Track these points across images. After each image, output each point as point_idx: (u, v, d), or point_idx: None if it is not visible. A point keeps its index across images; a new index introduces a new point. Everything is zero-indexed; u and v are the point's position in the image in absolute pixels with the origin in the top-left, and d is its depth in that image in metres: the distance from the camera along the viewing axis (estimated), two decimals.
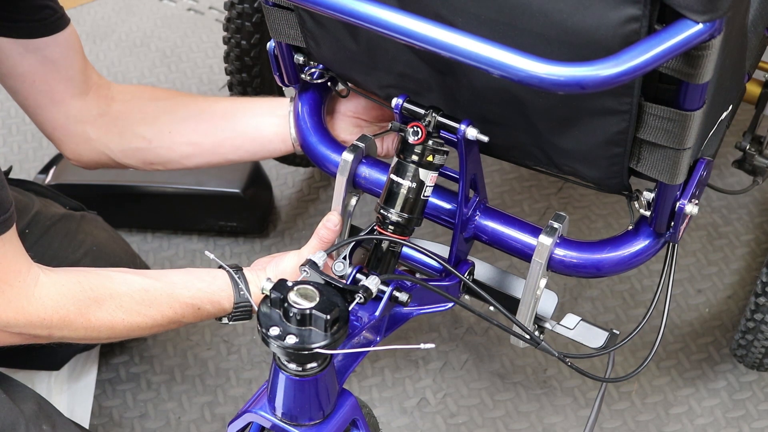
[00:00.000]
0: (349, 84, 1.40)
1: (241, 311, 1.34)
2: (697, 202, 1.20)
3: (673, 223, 1.21)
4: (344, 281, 1.20)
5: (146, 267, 1.79)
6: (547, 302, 1.38)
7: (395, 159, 1.24)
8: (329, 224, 1.35)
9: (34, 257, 1.53)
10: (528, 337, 1.31)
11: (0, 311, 1.16)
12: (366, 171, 1.36)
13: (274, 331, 1.09)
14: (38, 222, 1.55)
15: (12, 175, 1.71)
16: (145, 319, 1.29)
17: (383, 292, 1.21)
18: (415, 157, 1.22)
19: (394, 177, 1.24)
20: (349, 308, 1.13)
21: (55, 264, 1.56)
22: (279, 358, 1.14)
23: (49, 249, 1.55)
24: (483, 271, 1.42)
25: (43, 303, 1.21)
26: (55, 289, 1.23)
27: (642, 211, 1.22)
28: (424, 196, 1.24)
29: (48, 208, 1.59)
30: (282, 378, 1.14)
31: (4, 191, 1.13)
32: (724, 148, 1.98)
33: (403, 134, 1.22)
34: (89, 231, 1.64)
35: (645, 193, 1.20)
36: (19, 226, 1.51)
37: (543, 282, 1.29)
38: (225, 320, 1.36)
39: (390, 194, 1.24)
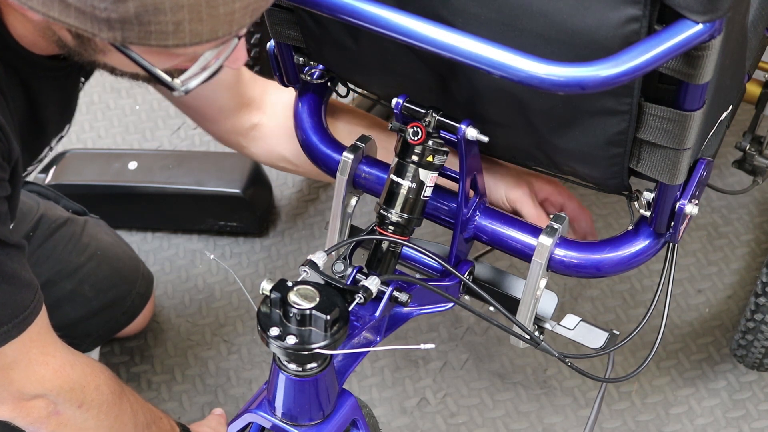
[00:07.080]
0: (349, 84, 1.40)
1: None
2: (697, 202, 1.20)
3: (673, 224, 1.21)
4: (344, 281, 1.20)
5: (149, 273, 1.79)
6: (547, 302, 1.37)
7: (395, 159, 1.24)
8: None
9: (38, 260, 1.53)
10: (528, 337, 1.31)
11: (47, 380, 1.19)
12: (366, 171, 1.36)
13: (274, 331, 1.09)
14: (43, 225, 1.55)
15: None
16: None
17: (383, 293, 1.21)
18: (415, 158, 1.21)
19: (394, 177, 1.23)
20: (349, 308, 1.14)
21: (59, 267, 1.56)
22: (279, 358, 1.14)
23: (53, 252, 1.55)
24: (483, 271, 1.42)
25: (83, 369, 1.24)
26: (91, 361, 1.28)
27: (642, 211, 1.22)
28: (424, 196, 1.24)
29: (52, 211, 1.59)
30: (282, 378, 1.14)
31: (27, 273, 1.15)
32: (724, 148, 1.97)
33: (402, 134, 1.22)
34: (93, 235, 1.64)
35: (645, 193, 1.19)
36: (24, 229, 1.51)
37: (543, 282, 1.29)
38: None
39: (390, 194, 1.24)
